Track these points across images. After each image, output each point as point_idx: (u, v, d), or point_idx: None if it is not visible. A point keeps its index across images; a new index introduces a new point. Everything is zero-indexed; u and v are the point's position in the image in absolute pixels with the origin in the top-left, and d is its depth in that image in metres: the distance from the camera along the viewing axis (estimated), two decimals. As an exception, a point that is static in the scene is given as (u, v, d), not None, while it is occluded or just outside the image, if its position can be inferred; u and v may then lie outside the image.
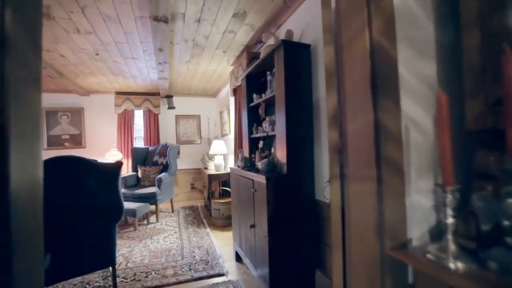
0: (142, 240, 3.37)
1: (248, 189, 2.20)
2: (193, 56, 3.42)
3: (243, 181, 2.34)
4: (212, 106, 5.99)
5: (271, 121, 2.31)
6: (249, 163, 2.44)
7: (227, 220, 3.88)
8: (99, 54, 3.25)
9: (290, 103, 1.91)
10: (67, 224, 1.80)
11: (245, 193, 2.32)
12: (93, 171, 1.88)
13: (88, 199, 1.87)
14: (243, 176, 2.31)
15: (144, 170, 4.63)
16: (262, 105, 2.42)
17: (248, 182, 2.20)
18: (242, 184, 2.37)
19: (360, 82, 0.80)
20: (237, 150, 3.72)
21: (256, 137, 2.63)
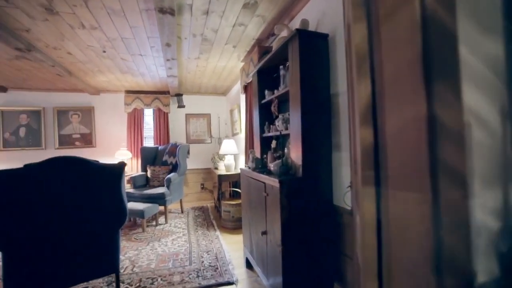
0: (149, 243, 3.27)
1: (260, 193, 2.03)
2: (202, 52, 3.29)
3: (254, 184, 2.18)
4: (222, 104, 5.86)
5: (284, 119, 2.14)
6: (261, 164, 2.27)
7: (238, 223, 3.73)
8: (106, 51, 3.16)
9: (305, 99, 1.73)
10: (65, 228, 1.69)
11: (256, 196, 2.15)
12: (93, 172, 1.76)
13: (88, 202, 1.75)
14: (254, 179, 2.15)
15: (154, 170, 4.54)
16: (275, 102, 2.25)
17: (259, 185, 2.03)
18: (253, 187, 2.21)
19: (406, 66, 0.62)
20: (248, 150, 3.56)
21: (268, 136, 2.46)
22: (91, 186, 1.75)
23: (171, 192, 4.15)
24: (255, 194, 2.18)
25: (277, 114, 2.24)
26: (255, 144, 2.72)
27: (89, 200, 1.76)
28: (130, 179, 4.32)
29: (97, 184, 1.78)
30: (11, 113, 4.77)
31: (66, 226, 1.68)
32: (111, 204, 1.87)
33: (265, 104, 2.54)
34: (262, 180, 1.96)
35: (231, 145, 4.24)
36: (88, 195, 1.74)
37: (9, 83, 4.49)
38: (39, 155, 4.83)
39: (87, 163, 1.73)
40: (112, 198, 1.87)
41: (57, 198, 1.64)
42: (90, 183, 1.75)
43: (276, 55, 2.19)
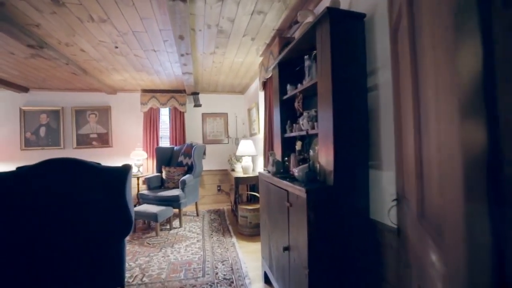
0: (162, 249, 3.09)
1: (281, 202, 1.75)
2: (218, 45, 3.06)
3: (274, 191, 1.90)
4: (240, 103, 5.63)
5: (310, 116, 1.85)
6: (282, 169, 2.00)
7: (255, 229, 3.47)
8: (118, 47, 3.02)
9: (338, 93, 1.44)
10: (62, 237, 1.50)
11: (277, 205, 1.88)
12: (94, 176, 1.56)
13: (88, 209, 1.55)
14: (275, 185, 1.88)
15: (169, 171, 4.39)
16: (299, 97, 1.96)
17: (281, 192, 1.75)
18: (274, 194, 1.94)
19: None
20: (267, 151, 3.29)
21: (291, 136, 2.18)
22: (91, 191, 1.56)
23: (186, 194, 3.97)
24: (275, 202, 1.90)
25: (301, 111, 1.95)
26: (275, 146, 2.45)
27: (89, 207, 1.56)
28: (145, 180, 4.19)
29: (98, 189, 1.58)
30: (32, 113, 4.81)
31: (63, 234, 1.50)
32: (115, 211, 1.67)
33: (287, 100, 2.26)
34: (284, 187, 1.68)
35: (248, 146, 3.99)
36: (88, 201, 1.55)
37: (30, 83, 4.52)
38: (58, 155, 4.83)
39: (86, 165, 1.53)
40: (116, 205, 1.66)
41: (52, 204, 1.45)
42: (90, 188, 1.55)
43: (300, 43, 1.91)
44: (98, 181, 1.57)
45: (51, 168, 1.44)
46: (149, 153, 4.96)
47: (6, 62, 3.45)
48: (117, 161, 5.00)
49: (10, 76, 4.07)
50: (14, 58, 3.30)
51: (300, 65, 2.29)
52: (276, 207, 1.88)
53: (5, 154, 4.71)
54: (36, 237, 1.43)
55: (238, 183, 3.92)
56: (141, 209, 3.59)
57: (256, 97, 4.38)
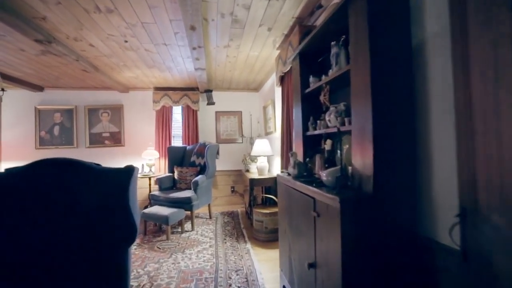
0: (172, 254, 2.91)
1: (306, 210, 1.51)
2: (232, 37, 2.84)
3: (297, 197, 1.66)
4: (254, 101, 5.40)
5: (338, 111, 1.59)
6: (306, 171, 1.75)
7: (271, 235, 3.24)
8: (128, 41, 2.86)
9: (378, 82, 1.18)
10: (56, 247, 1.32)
11: (300, 214, 1.63)
12: (92, 178, 1.38)
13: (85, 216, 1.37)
14: (298, 190, 1.63)
15: (181, 171, 4.23)
16: (325, 89, 1.71)
17: (305, 200, 1.51)
18: (295, 201, 1.69)
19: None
20: (285, 151, 3.04)
21: (314, 134, 1.93)
22: (89, 195, 1.37)
23: (199, 196, 3.79)
24: (298, 210, 1.66)
25: (328, 105, 1.69)
26: (295, 145, 2.21)
27: (85, 213, 1.38)
28: (157, 180, 4.05)
29: (97, 193, 1.40)
30: (46, 112, 4.80)
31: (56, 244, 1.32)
32: (116, 218, 1.48)
33: (310, 94, 2.01)
34: (310, 194, 1.44)
35: (264, 146, 3.76)
36: (85, 206, 1.37)
37: (44, 82, 4.49)
38: (71, 154, 4.80)
39: (83, 167, 1.35)
40: (118, 211, 1.47)
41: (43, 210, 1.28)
42: (87, 191, 1.37)
43: (326, 27, 1.65)
44: (97, 184, 1.39)
45: (43, 170, 1.27)
46: (161, 153, 4.83)
47: (18, 60, 3.39)
48: (129, 160, 4.91)
49: (24, 74, 4.04)
50: (25, 55, 3.23)
51: (324, 55, 2.04)
52: (299, 215, 1.64)
53: (20, 153, 4.71)
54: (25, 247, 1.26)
55: (253, 184, 3.69)
56: (152, 211, 3.44)
57: (272, 94, 4.14)
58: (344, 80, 1.61)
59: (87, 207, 1.36)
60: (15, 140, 4.72)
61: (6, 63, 3.48)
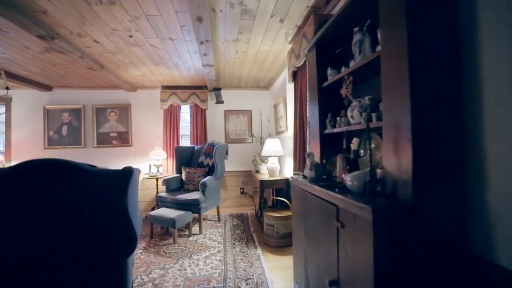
0: (179, 260, 2.76)
1: (326, 218, 1.32)
2: (241, 30, 2.67)
3: (315, 203, 1.47)
4: (264, 99, 5.22)
5: (363, 106, 1.39)
6: (324, 174, 1.56)
7: (283, 240, 3.05)
8: (133, 36, 2.74)
9: (417, 69, 0.98)
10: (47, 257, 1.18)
11: (318, 222, 1.45)
12: (87, 181, 1.23)
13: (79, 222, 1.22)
14: (316, 196, 1.44)
15: (189, 172, 4.09)
16: (348, 81, 1.51)
17: (325, 206, 1.32)
18: (314, 207, 1.51)
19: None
20: (297, 151, 2.85)
21: (333, 133, 1.73)
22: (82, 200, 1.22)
23: (207, 198, 3.64)
24: (316, 217, 1.47)
25: (350, 99, 1.49)
26: (311, 145, 2.01)
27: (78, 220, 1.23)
28: (164, 181, 3.92)
29: (92, 198, 1.25)
30: (55, 112, 4.76)
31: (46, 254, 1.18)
32: (114, 225, 1.33)
33: (328, 88, 1.82)
34: (331, 200, 1.25)
35: (275, 146, 3.58)
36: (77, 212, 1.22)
37: (52, 81, 4.44)
38: (79, 154, 4.74)
39: (75, 168, 1.21)
40: (115, 218, 1.32)
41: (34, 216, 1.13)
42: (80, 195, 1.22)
43: (347, 12, 1.47)
44: (91, 188, 1.24)
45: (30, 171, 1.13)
46: (168, 153, 4.72)
47: (24, 58, 3.33)
48: (137, 160, 4.82)
49: (32, 73, 4.00)
50: (30, 53, 3.15)
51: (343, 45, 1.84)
52: (318, 223, 1.45)
53: (29, 153, 4.68)
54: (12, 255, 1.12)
55: (264, 186, 3.51)
56: (159, 213, 3.31)
57: (283, 91, 3.95)
58: (369, 71, 1.42)
59: (79, 212, 1.21)
60: (24, 140, 4.71)
61: (13, 61, 3.42)
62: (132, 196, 1.40)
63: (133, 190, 1.41)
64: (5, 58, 3.33)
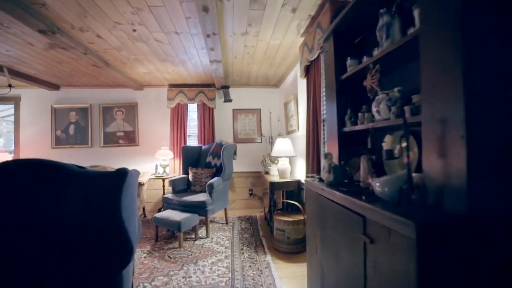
0: (184, 266, 2.61)
1: (349, 230, 1.13)
2: (250, 22, 2.50)
3: (334, 211, 1.28)
4: (274, 98, 5.04)
5: (392, 99, 1.20)
6: (344, 177, 1.37)
7: (294, 246, 2.86)
8: (136, 30, 2.60)
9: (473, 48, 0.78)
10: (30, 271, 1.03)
11: (339, 233, 1.25)
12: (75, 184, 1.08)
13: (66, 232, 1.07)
14: (336, 202, 1.25)
15: (196, 173, 3.95)
16: (372, 71, 1.31)
17: (347, 216, 1.13)
18: (333, 215, 1.32)
19: None
20: (310, 152, 2.65)
21: (354, 131, 1.54)
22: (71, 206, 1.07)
23: (214, 200, 3.48)
24: (336, 227, 1.28)
25: (377, 91, 1.29)
26: (328, 145, 1.82)
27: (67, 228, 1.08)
28: (170, 182, 3.79)
29: (81, 204, 1.10)
30: (62, 111, 4.71)
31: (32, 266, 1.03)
32: (107, 235, 1.17)
33: (347, 81, 1.62)
34: (357, 210, 1.06)
35: (286, 145, 3.39)
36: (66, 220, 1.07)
37: (59, 80, 4.39)
38: (86, 153, 4.68)
39: (63, 170, 1.06)
40: (108, 226, 1.17)
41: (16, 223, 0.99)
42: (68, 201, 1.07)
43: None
44: (80, 192, 1.09)
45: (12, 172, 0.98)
46: (175, 153, 4.59)
47: (29, 56, 3.25)
48: (144, 160, 4.72)
49: (38, 72, 3.94)
50: (34, 50, 3.07)
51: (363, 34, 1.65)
52: (338, 234, 1.26)
53: (37, 152, 4.64)
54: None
55: (274, 188, 3.33)
56: (164, 216, 3.17)
57: (294, 89, 3.76)
58: (399, 58, 1.22)
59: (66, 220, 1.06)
60: (32, 139, 4.68)
61: (18, 59, 3.35)
62: (128, 201, 1.24)
63: (129, 195, 1.25)
64: (10, 56, 3.27)
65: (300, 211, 3.09)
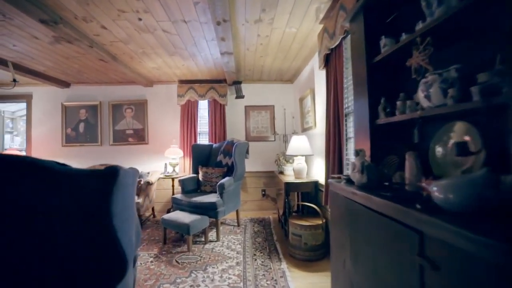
0: (192, 272, 2.41)
1: (396, 246, 0.89)
2: (264, 7, 2.27)
3: (372, 220, 1.04)
4: (288, 93, 4.79)
5: (447, 80, 0.94)
6: (382, 179, 1.12)
7: (312, 253, 2.62)
8: (142, 19, 2.43)
9: None
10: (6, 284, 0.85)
11: (378, 248, 1.01)
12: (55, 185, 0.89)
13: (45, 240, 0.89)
14: (375, 211, 1.00)
15: (206, 172, 3.76)
16: (423, 45, 1.04)
17: (392, 228, 0.89)
18: (369, 225, 1.07)
19: None
20: (331, 150, 2.40)
21: (390, 123, 1.28)
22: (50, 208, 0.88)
23: (225, 201, 3.28)
24: (374, 241, 1.04)
25: (429, 69, 1.03)
26: (357, 140, 1.56)
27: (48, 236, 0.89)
28: (179, 182, 3.62)
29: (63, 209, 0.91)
30: (72, 108, 4.65)
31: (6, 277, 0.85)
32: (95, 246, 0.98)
33: (381, 64, 1.36)
34: (408, 222, 0.81)
35: (302, 143, 3.14)
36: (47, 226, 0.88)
37: (69, 77, 4.32)
38: (95, 152, 4.60)
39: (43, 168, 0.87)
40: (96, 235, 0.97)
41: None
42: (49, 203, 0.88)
43: None
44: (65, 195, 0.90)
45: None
46: (185, 151, 4.43)
47: (35, 51, 3.16)
48: (153, 159, 4.58)
49: (47, 68, 3.87)
50: (40, 44, 2.97)
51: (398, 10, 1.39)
52: (376, 250, 1.01)
53: (47, 150, 4.60)
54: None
55: (289, 189, 3.09)
56: (172, 218, 3.00)
57: (311, 83, 3.50)
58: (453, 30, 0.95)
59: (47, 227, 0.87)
60: (43, 137, 4.64)
61: (25, 54, 3.27)
62: (121, 206, 1.04)
63: (122, 198, 1.05)
64: (18, 52, 3.18)
65: (318, 215, 2.84)
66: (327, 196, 2.51)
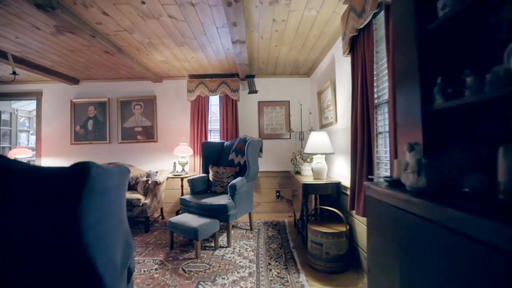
0: (200, 284, 2.16)
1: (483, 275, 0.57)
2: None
3: (438, 239, 0.73)
4: (305, 88, 4.47)
5: None
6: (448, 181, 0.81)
7: (335, 264, 2.31)
8: (145, 3, 2.20)
9: None
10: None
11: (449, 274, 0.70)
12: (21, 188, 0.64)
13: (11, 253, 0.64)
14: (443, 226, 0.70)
15: (217, 172, 3.52)
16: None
17: (473, 251, 0.57)
18: (433, 244, 0.76)
19: None
20: (358, 147, 2.07)
21: (451, 108, 0.96)
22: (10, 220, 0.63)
23: (237, 203, 3.01)
24: (441, 265, 0.73)
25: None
26: (401, 132, 1.24)
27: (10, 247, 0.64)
28: (188, 182, 3.39)
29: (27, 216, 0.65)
30: (81, 105, 4.53)
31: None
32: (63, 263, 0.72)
33: (438, 32, 1.05)
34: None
35: (322, 140, 2.83)
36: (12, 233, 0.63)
37: (77, 73, 4.19)
38: (104, 150, 4.46)
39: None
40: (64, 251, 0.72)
41: None
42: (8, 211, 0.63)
43: None
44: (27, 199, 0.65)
45: None
46: (195, 149, 4.20)
47: (39, 43, 3.02)
48: (162, 158, 4.39)
49: (54, 64, 3.74)
50: (43, 35, 2.81)
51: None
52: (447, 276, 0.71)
53: (56, 148, 4.51)
54: None
55: (307, 192, 2.78)
56: (180, 221, 2.76)
57: (331, 73, 3.18)
58: None
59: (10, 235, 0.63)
60: (52, 135, 4.55)
61: (30, 48, 3.13)
62: (97, 216, 0.78)
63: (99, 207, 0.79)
64: (22, 45, 3.05)
65: (341, 221, 2.52)
66: (354, 200, 2.19)
